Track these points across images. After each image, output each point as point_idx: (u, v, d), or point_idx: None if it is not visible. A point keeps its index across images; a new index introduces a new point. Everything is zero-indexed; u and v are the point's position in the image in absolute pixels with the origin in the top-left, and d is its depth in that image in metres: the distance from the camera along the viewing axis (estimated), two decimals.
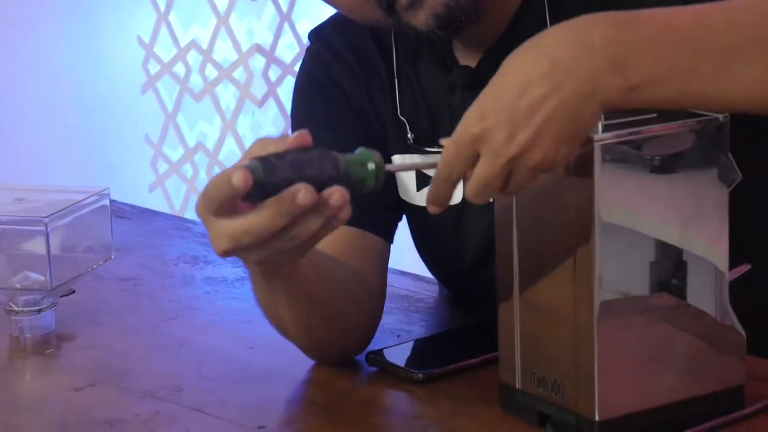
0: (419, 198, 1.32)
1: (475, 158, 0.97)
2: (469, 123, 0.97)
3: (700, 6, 1.02)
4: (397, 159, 1.32)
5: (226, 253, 1.00)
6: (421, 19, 1.19)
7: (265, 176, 0.95)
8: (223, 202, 0.97)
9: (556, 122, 0.96)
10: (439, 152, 1.01)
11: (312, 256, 1.11)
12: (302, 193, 0.95)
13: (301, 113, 1.39)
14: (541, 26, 1.23)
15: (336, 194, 0.97)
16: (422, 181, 1.32)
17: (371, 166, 0.99)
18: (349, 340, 1.24)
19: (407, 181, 1.33)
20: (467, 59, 1.29)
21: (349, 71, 1.34)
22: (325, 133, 1.32)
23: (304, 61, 1.39)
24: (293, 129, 1.39)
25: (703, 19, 1.00)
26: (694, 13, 1.01)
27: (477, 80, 1.26)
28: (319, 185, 0.97)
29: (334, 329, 1.21)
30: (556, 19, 1.23)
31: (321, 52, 1.37)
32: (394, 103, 1.32)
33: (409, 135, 1.31)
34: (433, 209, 1.02)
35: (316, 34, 1.38)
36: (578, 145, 0.98)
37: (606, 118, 1.00)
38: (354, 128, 1.33)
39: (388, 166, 1.00)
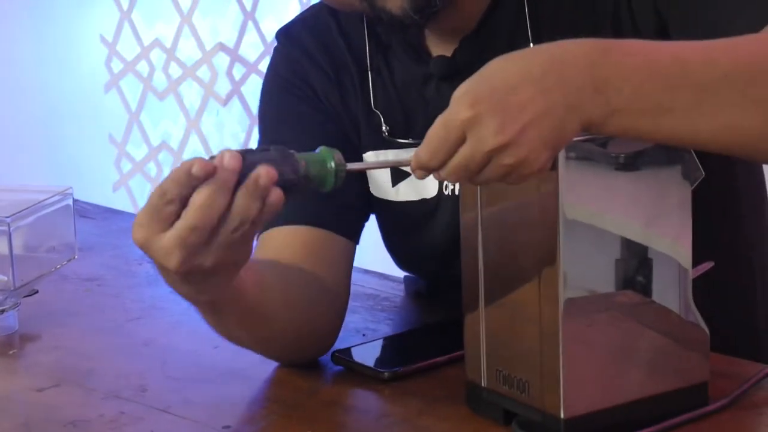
0: (394, 194, 1.32)
1: (461, 142, 0.97)
2: (461, 106, 0.97)
3: (680, 43, 1.04)
4: (371, 156, 1.32)
5: (181, 266, 0.99)
6: (396, 2, 1.19)
7: None
8: (182, 196, 0.97)
9: (542, 125, 0.96)
10: (412, 145, 0.99)
11: (254, 272, 1.11)
12: (227, 157, 0.96)
13: (272, 114, 1.37)
14: (517, 15, 1.24)
15: (261, 169, 0.97)
16: (398, 176, 1.32)
17: (331, 165, 0.98)
18: (310, 344, 1.24)
19: (381, 177, 1.33)
20: (441, 49, 1.29)
21: (319, 70, 1.34)
22: (296, 134, 1.33)
23: (272, 61, 1.38)
24: (262, 130, 1.38)
25: (681, 54, 1.01)
26: (674, 49, 1.02)
27: (452, 71, 1.27)
28: (279, 185, 0.96)
29: (292, 336, 1.21)
30: (533, 8, 1.24)
31: (290, 51, 1.36)
32: (367, 97, 1.32)
33: (383, 127, 1.31)
34: (420, 174, 1.00)
35: (284, 33, 1.38)
36: (554, 155, 0.98)
37: None
38: (325, 128, 1.33)
39: (349, 165, 1.00)
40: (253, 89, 2.96)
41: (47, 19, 3.05)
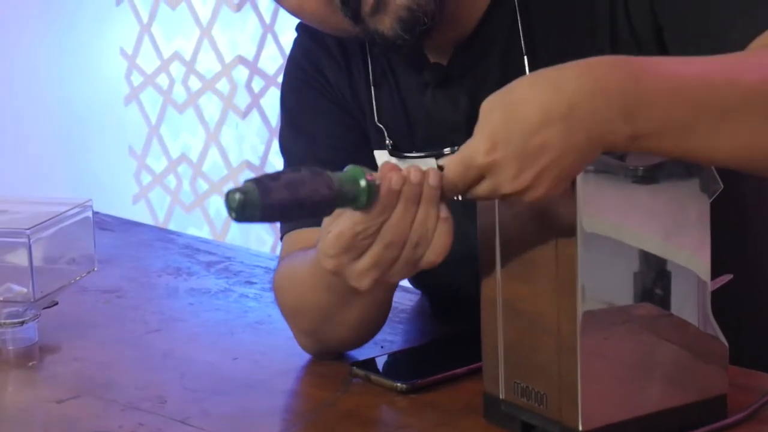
0: None
1: (478, 181, 1.00)
2: (480, 150, 0.98)
3: (707, 59, 1.04)
4: (378, 154, 1.33)
5: (372, 286, 1.04)
6: (386, 24, 1.20)
7: (261, 198, 0.95)
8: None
9: (562, 164, 0.98)
10: (416, 158, 1.00)
11: None
12: (431, 175, 1.01)
13: (291, 104, 1.40)
14: (512, 22, 1.24)
15: (431, 172, 1.00)
16: None
17: (363, 182, 1.00)
18: (368, 332, 1.29)
19: None
20: (438, 57, 1.29)
21: (335, 64, 1.36)
22: (314, 125, 1.36)
23: (291, 52, 1.41)
24: (286, 120, 1.40)
25: (707, 75, 1.02)
26: (700, 69, 1.02)
27: (447, 79, 1.28)
28: (314, 205, 0.98)
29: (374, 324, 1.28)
30: (526, 15, 1.24)
31: (308, 43, 1.38)
32: (371, 109, 1.33)
33: (387, 141, 1.32)
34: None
35: (303, 25, 1.39)
36: (572, 179, 1.00)
37: None
38: (344, 122, 1.35)
39: (376, 178, 1.01)
40: (273, 102, 2.96)
41: (68, 32, 3.06)
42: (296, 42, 1.41)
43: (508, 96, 0.99)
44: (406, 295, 1.47)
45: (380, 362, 1.25)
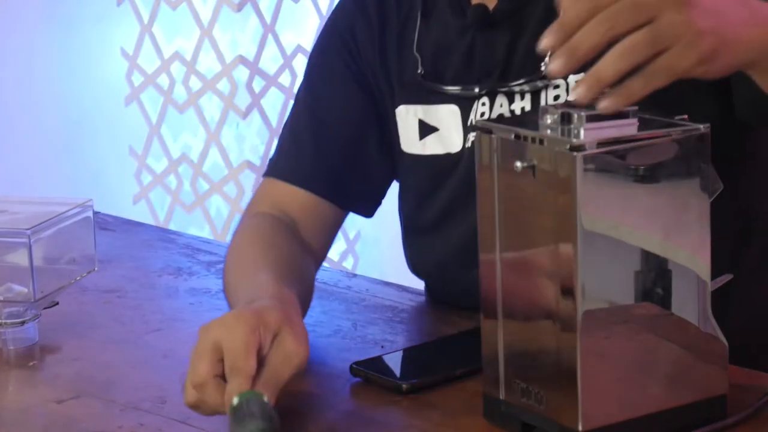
0: (421, 147, 1.40)
1: (641, 22, 0.97)
2: None
3: None
4: (402, 111, 1.40)
5: None
6: None
7: None
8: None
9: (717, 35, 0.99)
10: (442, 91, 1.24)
11: None
12: None
13: (314, 60, 1.49)
14: None
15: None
16: (425, 131, 1.39)
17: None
18: None
19: (411, 130, 1.40)
20: (482, 0, 1.35)
21: (367, 25, 1.42)
22: (326, 89, 1.45)
23: (333, 11, 1.49)
24: (305, 72, 1.49)
25: None
26: None
27: (490, 22, 1.33)
28: None
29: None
30: None
31: (347, 3, 1.46)
32: (410, 39, 1.39)
33: (419, 69, 1.37)
34: (557, 67, 0.99)
35: None
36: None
37: (588, 120, 1.00)
38: (353, 95, 1.44)
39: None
40: (273, 102, 2.97)
41: (69, 32, 3.07)
42: (338, 4, 1.48)
43: None
44: (406, 295, 1.48)
45: (381, 362, 1.25)
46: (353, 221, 3.05)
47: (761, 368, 1.20)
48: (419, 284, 1.50)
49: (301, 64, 2.96)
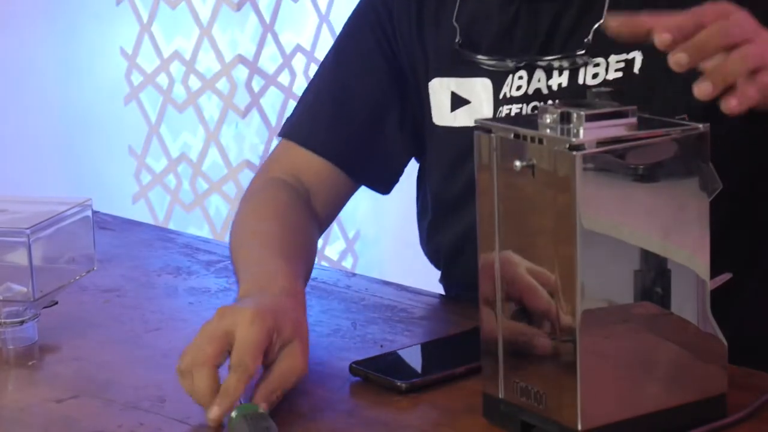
0: (452, 119, 1.41)
1: (722, 48, 1.03)
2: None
3: None
4: (436, 84, 1.41)
5: None
6: None
7: None
8: None
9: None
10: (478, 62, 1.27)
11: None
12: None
13: (347, 29, 1.50)
14: None
15: None
16: (457, 102, 1.40)
17: None
18: None
19: (443, 103, 1.41)
20: None
21: (405, 3, 1.43)
22: (354, 61, 1.47)
23: None
24: (335, 43, 1.51)
25: None
26: None
27: None
28: None
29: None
30: None
31: None
32: (451, 10, 1.40)
33: (457, 38, 1.39)
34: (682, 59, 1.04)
35: None
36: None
37: (587, 119, 1.01)
38: (384, 66, 1.46)
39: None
40: (272, 101, 2.97)
41: (68, 32, 3.07)
42: None
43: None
44: (406, 295, 1.48)
45: (380, 362, 1.25)
46: (353, 221, 3.07)
47: (760, 368, 1.20)
48: (419, 284, 1.50)
49: (300, 63, 2.97)
